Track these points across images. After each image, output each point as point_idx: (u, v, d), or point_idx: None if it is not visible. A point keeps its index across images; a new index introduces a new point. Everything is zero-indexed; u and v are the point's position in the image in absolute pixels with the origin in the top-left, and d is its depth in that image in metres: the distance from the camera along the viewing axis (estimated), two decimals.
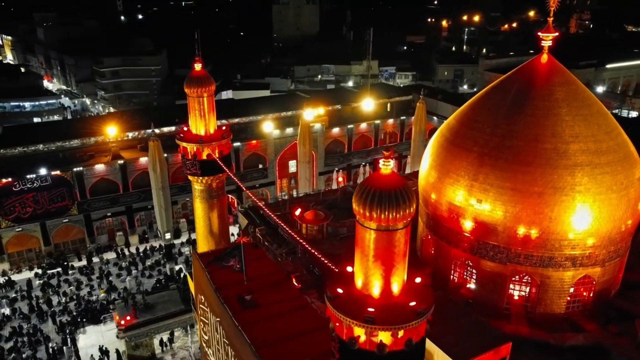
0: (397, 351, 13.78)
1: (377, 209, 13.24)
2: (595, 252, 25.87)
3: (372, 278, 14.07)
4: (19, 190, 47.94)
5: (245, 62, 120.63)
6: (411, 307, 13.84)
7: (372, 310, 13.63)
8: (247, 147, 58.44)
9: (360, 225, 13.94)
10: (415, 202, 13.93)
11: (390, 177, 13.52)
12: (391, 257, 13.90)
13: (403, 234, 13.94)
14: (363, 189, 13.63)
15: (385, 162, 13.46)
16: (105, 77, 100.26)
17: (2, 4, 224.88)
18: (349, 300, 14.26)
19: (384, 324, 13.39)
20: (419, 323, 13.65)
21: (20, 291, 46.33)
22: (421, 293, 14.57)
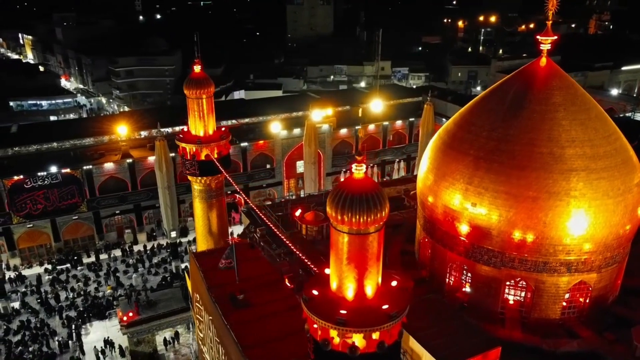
0: (369, 353, 13.93)
1: (349, 213, 13.41)
2: (590, 258, 25.61)
3: (346, 281, 14.24)
4: (30, 187, 49.06)
5: (259, 62, 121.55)
6: (384, 310, 13.96)
7: (344, 313, 13.80)
8: (255, 147, 58.91)
9: (334, 229, 14.11)
10: (388, 206, 14.06)
11: (363, 182, 13.67)
12: (364, 260, 14.04)
13: (375, 238, 14.07)
14: (336, 193, 13.80)
15: (357, 166, 13.62)
16: (120, 76, 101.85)
17: (25, 3, 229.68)
18: (323, 302, 14.45)
19: (356, 326, 13.55)
20: (390, 326, 13.76)
21: (30, 286, 47.41)
22: (396, 296, 14.69)
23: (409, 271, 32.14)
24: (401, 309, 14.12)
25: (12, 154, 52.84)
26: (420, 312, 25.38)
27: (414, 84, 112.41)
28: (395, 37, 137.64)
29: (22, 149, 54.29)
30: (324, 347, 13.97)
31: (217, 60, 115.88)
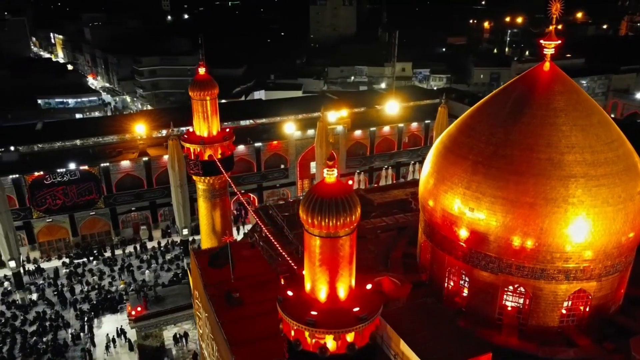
0: (340, 355, 14.17)
1: (320, 216, 13.68)
2: (590, 266, 25.25)
3: (318, 283, 14.51)
4: (50, 183, 50.70)
5: (281, 63, 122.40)
6: (354, 312, 14.19)
7: (314, 314, 14.07)
8: (269, 148, 59.55)
9: (306, 232, 14.39)
10: (359, 210, 14.28)
11: (334, 186, 13.91)
12: (336, 263, 14.29)
13: (347, 241, 14.30)
14: (308, 197, 14.08)
15: (329, 171, 13.88)
16: (144, 75, 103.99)
17: (58, 3, 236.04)
18: (297, 303, 14.76)
19: (325, 328, 13.81)
20: (360, 328, 13.97)
21: (47, 278, 48.99)
22: (368, 299, 14.89)
23: (409, 274, 32.17)
24: (372, 312, 14.31)
25: (34, 150, 54.70)
26: (413, 316, 25.48)
27: (435, 85, 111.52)
28: (419, 38, 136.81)
29: (44, 146, 56.27)
30: (295, 347, 14.27)
31: (238, 61, 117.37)
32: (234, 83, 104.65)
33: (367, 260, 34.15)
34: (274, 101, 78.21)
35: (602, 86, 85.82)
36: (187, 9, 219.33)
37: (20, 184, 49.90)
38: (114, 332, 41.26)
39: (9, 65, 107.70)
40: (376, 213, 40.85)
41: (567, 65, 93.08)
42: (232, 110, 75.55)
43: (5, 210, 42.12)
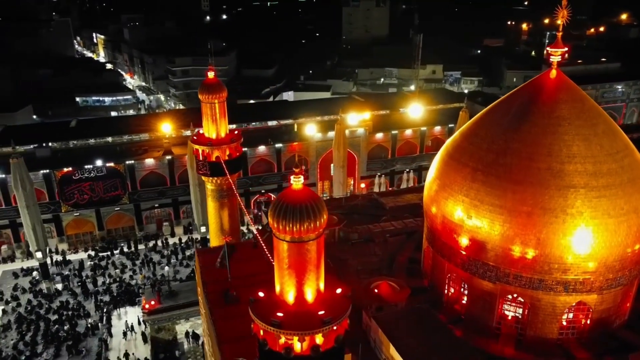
0: (305, 356, 14.62)
1: (286, 221, 14.15)
2: (590, 279, 24.73)
3: (286, 286, 14.98)
4: (78, 179, 53.01)
5: (313, 64, 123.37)
6: (319, 315, 14.59)
7: (280, 315, 14.56)
8: (289, 149, 60.29)
9: (275, 237, 14.86)
10: (325, 216, 14.66)
11: (301, 192, 14.36)
12: (303, 267, 14.72)
13: (314, 246, 14.70)
14: (276, 203, 14.58)
15: (295, 177, 14.34)
16: (177, 75, 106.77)
17: (103, 4, 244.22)
18: (268, 304, 15.27)
19: (288, 329, 14.28)
20: (323, 331, 14.36)
21: (73, 270, 51.22)
22: (335, 303, 15.25)
23: (412, 279, 32.20)
24: (337, 316, 14.67)
25: (66, 147, 57.26)
26: (406, 321, 25.68)
27: (466, 88, 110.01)
28: (453, 40, 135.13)
29: (75, 142, 58.92)
30: (262, 346, 14.80)
31: (271, 61, 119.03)
32: (265, 83, 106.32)
33: (371, 264, 34.40)
34: (300, 102, 79.07)
35: (637, 92, 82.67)
36: (225, 10, 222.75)
37: (51, 179, 52.36)
38: (131, 323, 42.83)
39: (51, 64, 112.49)
40: (387, 217, 40.92)
41: (600, 70, 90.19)
42: (257, 110, 76.96)
43: (34, 204, 44.35)
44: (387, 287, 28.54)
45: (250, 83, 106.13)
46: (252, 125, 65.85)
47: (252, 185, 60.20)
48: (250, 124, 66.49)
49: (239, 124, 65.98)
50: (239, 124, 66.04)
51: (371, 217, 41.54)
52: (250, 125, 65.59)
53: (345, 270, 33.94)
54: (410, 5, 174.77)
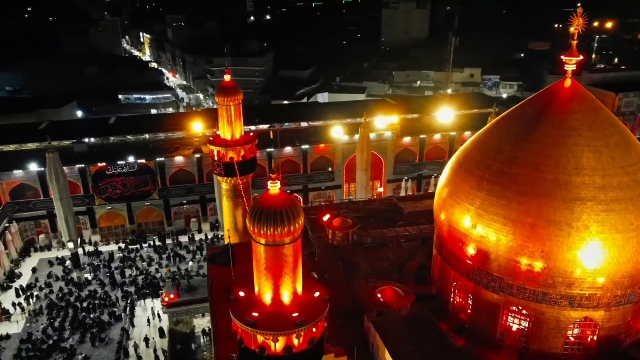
0: (278, 356, 15.09)
1: (262, 225, 14.64)
2: (596, 294, 24.10)
3: (263, 287, 15.47)
4: (110, 174, 55.32)
5: (350, 65, 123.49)
6: (293, 317, 15.02)
7: (255, 315, 15.08)
8: (316, 150, 60.86)
9: (253, 240, 15.37)
10: (301, 220, 15.07)
11: (277, 197, 14.81)
12: (279, 269, 15.17)
13: (290, 249, 15.11)
14: (253, 208, 15.09)
15: (272, 183, 14.81)
16: (214, 75, 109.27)
17: (152, 4, 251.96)
18: (246, 304, 15.83)
19: (262, 329, 14.78)
20: (296, 332, 14.78)
21: (103, 260, 53.51)
22: (311, 306, 15.63)
23: (421, 286, 32.13)
24: (310, 319, 15.06)
25: (102, 143, 59.87)
26: (404, 327, 25.76)
27: (504, 92, 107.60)
28: (496, 42, 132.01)
29: (112, 139, 61.52)
30: (239, 344, 15.37)
31: (308, 62, 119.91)
32: (300, 84, 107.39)
33: (382, 268, 34.51)
34: (331, 104, 79.58)
35: None
36: (269, 10, 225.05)
37: (85, 173, 54.87)
38: (152, 315, 44.47)
39: (98, 63, 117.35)
40: (403, 222, 40.85)
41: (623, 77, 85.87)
42: (289, 111, 77.94)
43: (67, 196, 46.71)
44: (391, 292, 28.59)
45: (286, 84, 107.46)
46: (285, 125, 66.76)
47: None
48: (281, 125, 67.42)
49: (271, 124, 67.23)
50: (271, 125, 67.38)
51: (388, 221, 41.55)
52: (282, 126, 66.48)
53: (355, 273, 34.22)
54: (455, 6, 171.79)
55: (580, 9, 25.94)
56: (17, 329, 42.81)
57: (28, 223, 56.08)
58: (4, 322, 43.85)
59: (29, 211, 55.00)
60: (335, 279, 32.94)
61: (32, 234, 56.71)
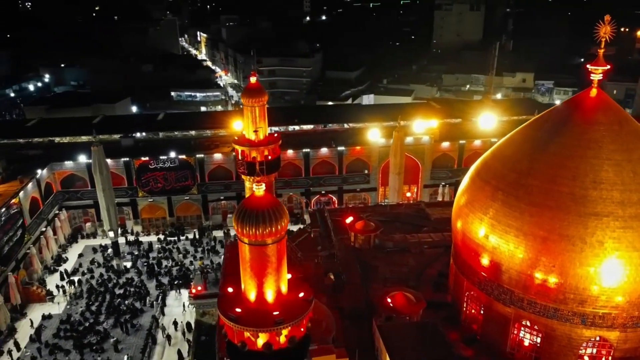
0: (258, 352, 15.66)
1: (245, 225, 15.23)
2: (611, 314, 23.18)
3: (248, 285, 16.06)
4: (153, 168, 57.84)
5: (400, 67, 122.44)
6: (273, 315, 15.54)
7: (238, 311, 15.70)
8: (352, 152, 61.08)
9: (239, 240, 15.98)
10: (285, 221, 15.54)
11: (262, 199, 15.33)
12: (263, 268, 15.69)
13: (274, 250, 15.59)
14: (239, 208, 15.69)
15: (257, 185, 15.35)
16: (263, 74, 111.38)
17: (213, 4, 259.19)
18: (233, 300, 16.49)
19: (243, 325, 15.38)
20: (275, 330, 15.28)
21: (142, 250, 56.05)
22: (293, 306, 16.07)
23: (436, 293, 31.85)
24: (290, 318, 15.51)
25: (148, 137, 62.69)
26: (409, 334, 25.73)
27: (558, 99, 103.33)
28: (556, 47, 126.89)
29: (160, 134, 64.33)
30: (223, 337, 16.06)
31: (356, 64, 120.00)
32: (347, 86, 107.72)
33: (401, 274, 34.39)
34: (373, 106, 79.52)
35: None
36: (325, 11, 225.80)
37: (130, 167, 57.65)
38: (182, 305, 46.28)
39: (154, 60, 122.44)
40: (428, 228, 40.50)
41: None
42: (331, 112, 78.50)
43: (109, 188, 49.32)
44: (402, 298, 28.58)
45: (333, 85, 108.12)
46: (329, 126, 67.45)
47: (312, 186, 61.84)
48: (324, 126, 68.15)
49: (315, 124, 68.10)
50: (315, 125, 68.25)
51: (413, 226, 41.32)
52: (325, 127, 67.21)
53: (373, 277, 34.32)
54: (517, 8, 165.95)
55: (608, 16, 24.92)
56: (58, 310, 45.67)
57: (76, 211, 59.57)
58: (48, 303, 46.88)
59: (78, 200, 58.44)
60: (352, 282, 33.23)
61: (79, 222, 60.19)
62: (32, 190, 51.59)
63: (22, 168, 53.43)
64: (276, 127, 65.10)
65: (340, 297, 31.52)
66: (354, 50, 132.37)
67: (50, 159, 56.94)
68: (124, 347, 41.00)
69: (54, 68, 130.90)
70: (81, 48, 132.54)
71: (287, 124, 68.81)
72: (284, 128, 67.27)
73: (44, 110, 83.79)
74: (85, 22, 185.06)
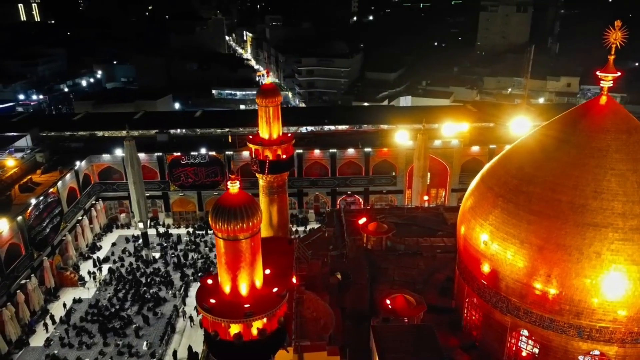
0: (226, 341, 16.43)
1: (221, 221, 16.00)
2: (609, 328, 22.58)
3: (223, 277, 16.83)
4: (184, 163, 59.92)
5: (442, 68, 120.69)
6: (244, 308, 16.24)
7: (212, 302, 16.50)
8: (378, 154, 61.09)
9: (215, 235, 16.75)
10: (258, 218, 16.20)
11: (236, 196, 16.05)
12: (237, 263, 16.40)
13: (247, 245, 16.27)
14: (215, 205, 16.47)
15: (232, 183, 16.08)
16: (302, 74, 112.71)
17: (262, 4, 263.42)
18: (211, 291, 17.32)
19: (215, 315, 16.18)
20: (245, 322, 15.98)
21: (171, 242, 58.19)
22: (265, 300, 16.72)
23: (442, 298, 31.75)
24: (259, 311, 16.17)
25: (182, 134, 64.93)
26: (402, 336, 25.78)
27: None
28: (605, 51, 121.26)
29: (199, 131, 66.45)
30: (200, 325, 16.89)
31: (396, 65, 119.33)
32: (385, 87, 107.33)
33: (409, 277, 34.46)
34: (407, 108, 78.97)
35: None
36: (373, 11, 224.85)
37: (163, 161, 59.94)
38: None
39: (198, 59, 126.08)
40: (443, 232, 40.16)
41: None
42: (365, 113, 78.51)
43: (140, 181, 51.52)
44: (402, 300, 28.68)
45: (371, 86, 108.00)
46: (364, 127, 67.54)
47: (339, 186, 62.27)
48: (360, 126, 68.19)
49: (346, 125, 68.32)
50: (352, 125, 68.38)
51: (428, 230, 41.08)
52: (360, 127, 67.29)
53: (381, 278, 34.49)
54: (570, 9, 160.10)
55: (619, 22, 24.22)
56: (88, 295, 48.21)
57: (112, 202, 62.48)
58: (79, 288, 49.55)
59: (114, 192, 61.28)
60: (358, 282, 33.53)
61: (115, 212, 63.09)
62: (70, 181, 54.56)
63: (63, 159, 56.57)
64: (310, 127, 66.44)
65: (344, 297, 31.92)
66: (396, 51, 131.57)
67: (89, 151, 59.97)
68: (144, 333, 42.85)
69: (107, 65, 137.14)
70: (133, 46, 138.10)
71: (318, 124, 69.41)
72: (319, 128, 67.81)
73: (90, 105, 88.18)
74: (139, 22, 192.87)
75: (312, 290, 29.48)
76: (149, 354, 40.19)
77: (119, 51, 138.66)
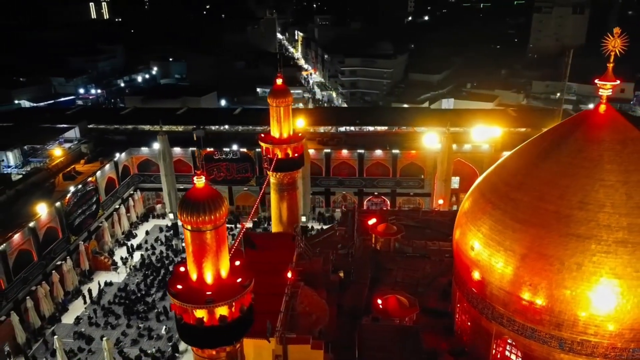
0: (189, 324, 17.70)
1: (187, 213, 17.24)
2: (590, 342, 22.22)
3: (190, 266, 18.09)
4: (217, 159, 62.23)
5: (488, 71, 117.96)
6: (206, 295, 17.43)
7: (179, 288, 17.80)
8: (406, 156, 60.97)
9: (183, 226, 18.03)
10: (222, 211, 17.33)
11: (202, 190, 17.22)
12: (202, 253, 17.56)
13: (212, 236, 17.38)
14: (182, 198, 17.72)
15: (198, 177, 17.29)
16: (345, 74, 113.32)
17: (318, 3, 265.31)
18: (182, 278, 18.64)
19: (179, 300, 17.48)
20: (206, 308, 17.17)
21: None
22: (228, 290, 17.83)
23: (441, 301, 31.83)
24: (220, 299, 17.31)
25: (215, 130, 67.38)
26: (388, 337, 26.36)
27: None
28: None
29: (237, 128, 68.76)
30: (170, 309, 18.24)
31: (441, 66, 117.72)
32: (429, 89, 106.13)
33: (412, 279, 34.75)
34: (442, 111, 78.02)
35: None
36: (429, 11, 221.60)
37: (196, 156, 62.52)
38: None
39: (246, 58, 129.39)
40: None
41: None
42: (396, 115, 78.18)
43: (171, 174, 54.20)
44: (395, 301, 29.13)
45: (414, 87, 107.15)
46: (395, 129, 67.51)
47: (365, 187, 62.68)
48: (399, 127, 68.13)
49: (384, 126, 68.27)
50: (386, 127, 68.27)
51: (441, 234, 40.92)
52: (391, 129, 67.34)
53: (384, 279, 34.95)
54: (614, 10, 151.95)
55: (618, 29, 23.63)
56: (118, 279, 51.24)
57: (150, 193, 65.73)
58: (112, 272, 52.73)
59: (151, 183, 64.43)
60: (360, 281, 34.12)
61: (152, 203, 66.35)
62: (109, 171, 58.03)
63: (105, 151, 60.24)
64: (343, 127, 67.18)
65: (343, 295, 32.63)
66: (445, 52, 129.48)
67: (131, 144, 63.44)
68: (164, 318, 45.13)
69: (162, 62, 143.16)
70: (189, 44, 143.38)
71: (351, 124, 69.94)
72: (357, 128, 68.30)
73: (140, 100, 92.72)
74: (197, 21, 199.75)
75: (311, 286, 30.47)
76: (167, 337, 42.38)
77: (175, 49, 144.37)
